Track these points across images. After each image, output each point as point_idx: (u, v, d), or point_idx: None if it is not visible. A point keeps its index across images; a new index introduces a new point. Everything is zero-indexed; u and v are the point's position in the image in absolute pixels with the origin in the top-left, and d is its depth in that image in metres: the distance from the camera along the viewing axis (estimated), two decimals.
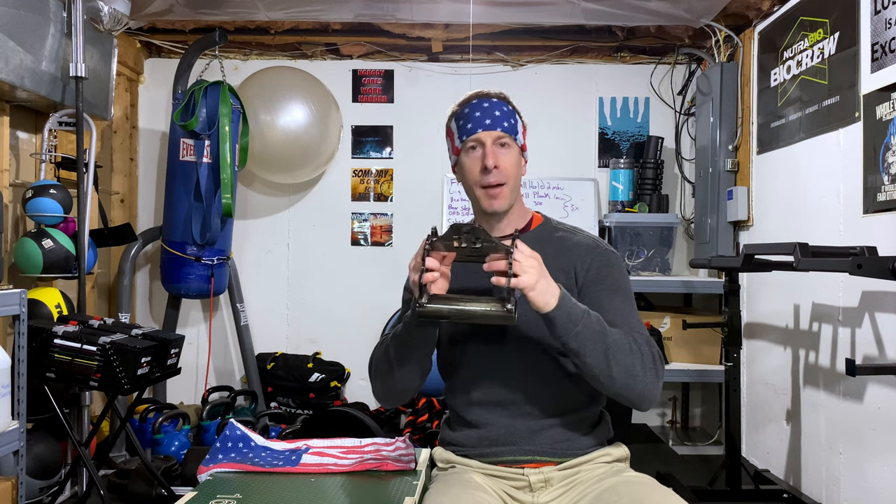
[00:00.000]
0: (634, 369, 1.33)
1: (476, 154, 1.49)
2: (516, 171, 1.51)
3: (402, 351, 1.43)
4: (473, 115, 1.49)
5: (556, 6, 3.41)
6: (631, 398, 1.36)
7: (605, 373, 1.33)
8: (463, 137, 1.50)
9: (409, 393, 1.50)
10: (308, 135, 3.73)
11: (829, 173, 2.68)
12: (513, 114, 1.53)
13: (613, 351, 1.32)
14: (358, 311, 4.06)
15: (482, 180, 1.48)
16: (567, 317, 1.29)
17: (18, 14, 2.61)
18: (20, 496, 2.25)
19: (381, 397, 1.54)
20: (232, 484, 1.50)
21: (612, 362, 1.32)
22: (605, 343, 1.32)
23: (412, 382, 1.48)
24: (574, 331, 1.30)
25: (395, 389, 1.50)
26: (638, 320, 1.45)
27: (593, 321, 1.32)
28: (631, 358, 1.33)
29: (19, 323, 2.32)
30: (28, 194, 2.83)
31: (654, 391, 1.37)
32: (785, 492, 2.76)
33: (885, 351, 2.33)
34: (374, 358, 1.52)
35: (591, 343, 1.31)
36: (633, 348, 1.34)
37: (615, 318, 1.40)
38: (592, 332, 1.31)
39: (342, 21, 3.72)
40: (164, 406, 3.54)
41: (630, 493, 1.32)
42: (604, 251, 1.51)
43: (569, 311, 1.30)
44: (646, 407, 1.40)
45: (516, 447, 1.46)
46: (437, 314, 1.27)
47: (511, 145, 1.50)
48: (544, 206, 3.88)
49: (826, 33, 2.72)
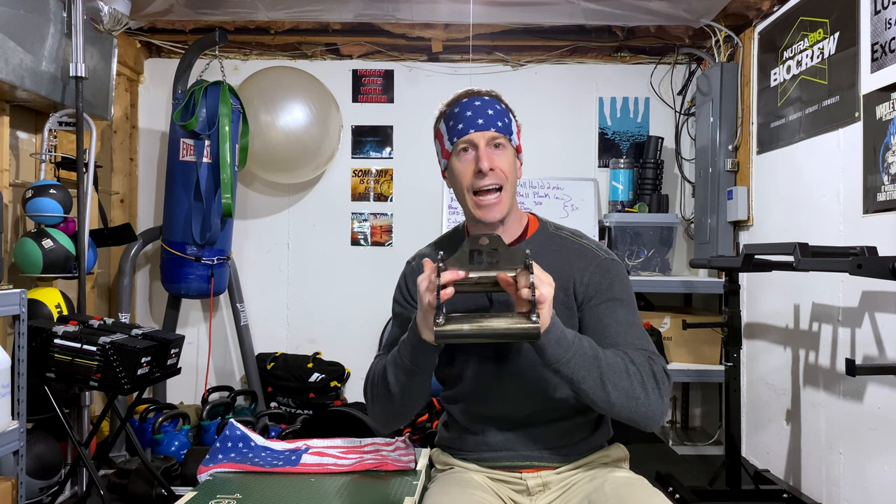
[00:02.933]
0: (634, 392, 1.26)
1: (468, 157, 1.38)
2: (513, 173, 1.40)
3: (403, 376, 1.33)
4: (464, 115, 1.39)
5: (556, 6, 3.41)
6: (636, 420, 1.29)
7: (603, 398, 1.26)
8: (453, 139, 1.39)
9: (410, 417, 1.43)
10: (308, 135, 3.73)
11: (829, 173, 2.68)
12: (506, 112, 1.43)
13: (609, 376, 1.25)
14: (358, 311, 4.06)
15: (475, 184, 1.37)
16: (557, 343, 1.21)
17: (18, 14, 2.61)
18: (20, 496, 2.25)
19: (380, 423, 1.45)
20: (232, 484, 1.50)
21: (608, 387, 1.25)
22: (599, 368, 1.24)
23: (414, 408, 1.40)
24: (565, 357, 1.22)
25: (397, 415, 1.42)
26: (641, 333, 1.37)
27: (585, 347, 1.25)
28: (629, 381, 1.26)
29: (19, 323, 2.32)
30: (28, 194, 2.83)
31: (658, 411, 1.29)
32: (785, 492, 2.75)
33: (885, 351, 2.33)
34: (372, 382, 1.42)
35: (584, 370, 1.24)
36: (629, 370, 1.27)
37: (618, 332, 1.34)
38: (584, 358, 1.24)
39: (342, 21, 3.72)
40: (164, 406, 3.54)
41: (616, 494, 1.30)
42: (603, 261, 1.42)
43: (559, 336, 1.22)
44: (653, 427, 1.32)
45: (514, 453, 1.44)
46: (457, 335, 1.14)
47: (506, 146, 1.40)
48: (544, 206, 3.88)
49: (826, 33, 2.71)
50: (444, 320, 1.15)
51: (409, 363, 1.30)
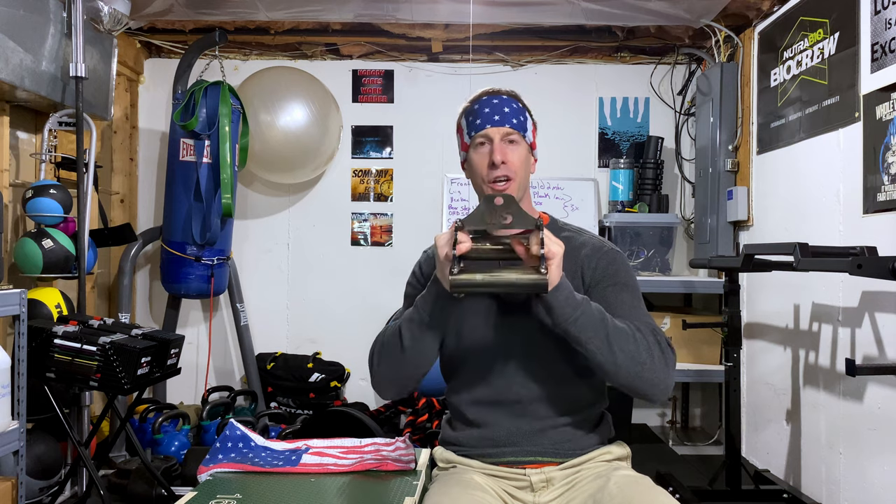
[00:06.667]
0: (640, 356, 1.31)
1: (484, 150, 1.49)
2: (524, 167, 1.51)
3: (417, 330, 1.39)
4: (483, 112, 1.50)
5: (556, 6, 3.41)
6: (642, 387, 1.33)
7: (610, 359, 1.31)
8: (472, 133, 1.51)
9: (414, 381, 1.46)
10: (308, 135, 3.73)
11: (829, 173, 2.68)
12: (522, 111, 1.54)
13: (615, 338, 1.30)
14: (358, 311, 4.06)
15: (489, 175, 1.48)
16: (566, 301, 1.28)
17: (18, 14, 2.61)
18: (20, 496, 2.25)
19: (383, 384, 1.48)
20: (232, 484, 1.50)
21: (615, 349, 1.30)
22: (605, 329, 1.30)
23: (420, 368, 1.44)
24: (573, 316, 1.29)
25: (402, 375, 1.45)
26: (646, 313, 1.44)
27: (593, 308, 1.31)
28: (635, 346, 1.32)
29: (19, 323, 2.32)
30: (28, 194, 2.83)
31: (665, 379, 1.34)
32: (785, 492, 2.76)
33: (885, 351, 2.33)
34: (382, 342, 1.47)
35: (591, 330, 1.30)
36: (636, 336, 1.33)
37: (623, 313, 1.39)
38: (592, 318, 1.30)
39: (342, 21, 3.72)
40: (164, 406, 3.54)
41: (622, 493, 1.31)
42: (609, 251, 1.51)
43: (568, 295, 1.28)
44: (660, 396, 1.36)
45: (518, 448, 1.45)
46: (469, 283, 1.23)
47: (519, 142, 1.51)
48: (544, 205, 3.88)
49: (826, 33, 2.71)
50: (459, 271, 1.23)
51: (425, 316, 1.38)
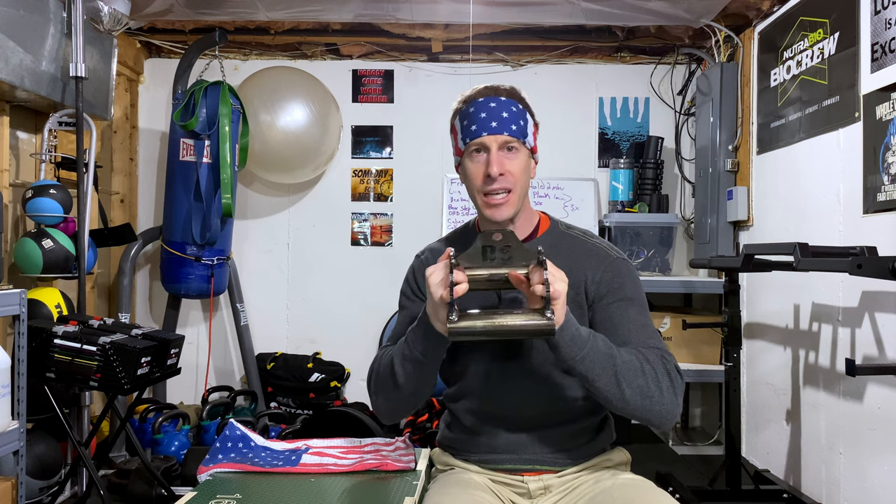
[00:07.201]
0: (649, 390, 1.26)
1: (480, 159, 1.37)
2: (524, 176, 1.39)
3: (410, 367, 1.32)
4: (478, 116, 1.37)
5: (556, 6, 3.41)
6: (650, 419, 1.28)
7: (618, 396, 1.25)
8: (466, 140, 1.38)
9: (414, 409, 1.43)
10: (308, 135, 3.73)
11: (829, 173, 2.68)
12: (523, 113, 1.42)
13: (624, 373, 1.24)
14: (358, 311, 4.06)
15: (485, 188, 1.36)
16: (571, 340, 1.21)
17: (18, 14, 2.61)
18: (20, 496, 2.25)
19: (383, 414, 1.45)
20: (232, 484, 1.50)
21: (623, 385, 1.24)
22: (613, 366, 1.24)
23: (419, 399, 1.39)
24: (580, 355, 1.22)
25: (400, 406, 1.42)
26: (653, 332, 1.36)
27: (600, 344, 1.25)
28: (644, 379, 1.26)
29: (19, 323, 2.32)
30: (28, 194, 2.83)
31: (673, 409, 1.29)
32: (785, 492, 2.75)
33: (885, 351, 2.33)
34: (376, 373, 1.42)
35: (598, 368, 1.23)
36: (644, 368, 1.26)
37: (629, 331, 1.33)
38: (600, 354, 1.23)
39: (342, 21, 3.72)
40: (164, 406, 3.54)
41: (623, 496, 1.30)
42: (615, 260, 1.41)
43: (573, 333, 1.21)
44: (667, 426, 1.33)
45: (516, 456, 1.43)
46: (471, 332, 1.14)
47: (519, 149, 1.38)
48: (544, 206, 3.87)
49: (826, 33, 2.71)
50: (458, 317, 1.14)
51: (418, 354, 1.30)
